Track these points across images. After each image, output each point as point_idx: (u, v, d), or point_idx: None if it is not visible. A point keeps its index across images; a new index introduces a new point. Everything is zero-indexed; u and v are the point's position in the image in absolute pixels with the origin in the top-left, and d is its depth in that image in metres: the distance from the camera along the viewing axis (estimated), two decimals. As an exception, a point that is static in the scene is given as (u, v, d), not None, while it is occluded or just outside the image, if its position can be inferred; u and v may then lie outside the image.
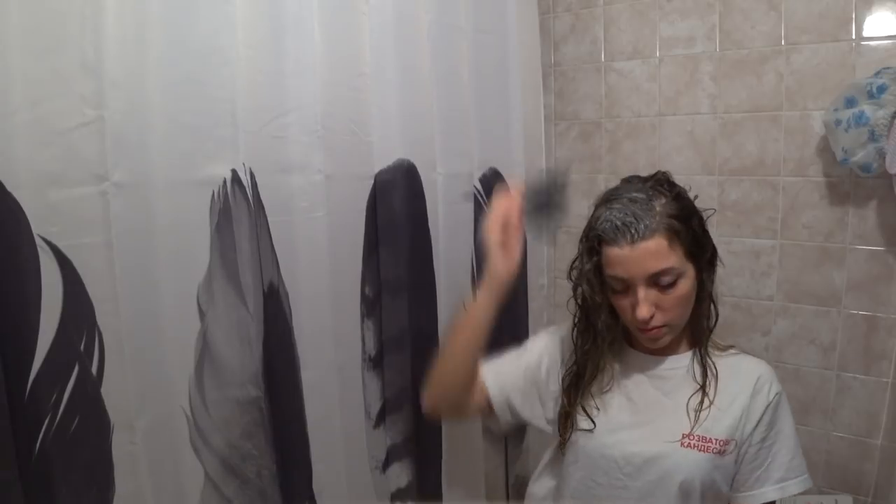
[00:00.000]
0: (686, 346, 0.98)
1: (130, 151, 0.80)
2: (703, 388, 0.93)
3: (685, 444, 0.90)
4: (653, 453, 0.91)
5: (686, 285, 0.89)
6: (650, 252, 0.86)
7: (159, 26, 0.82)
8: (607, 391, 0.98)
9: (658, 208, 0.87)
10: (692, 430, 0.91)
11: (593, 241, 0.91)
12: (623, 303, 0.91)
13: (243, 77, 0.91)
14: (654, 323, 0.89)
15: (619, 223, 0.87)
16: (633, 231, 0.86)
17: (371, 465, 1.17)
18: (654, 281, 0.87)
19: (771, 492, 0.91)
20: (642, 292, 0.87)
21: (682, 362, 0.97)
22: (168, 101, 0.84)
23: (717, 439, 0.90)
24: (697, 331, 0.97)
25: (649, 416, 0.94)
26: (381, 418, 1.18)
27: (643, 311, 0.87)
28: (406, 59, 1.16)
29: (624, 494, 0.92)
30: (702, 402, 0.92)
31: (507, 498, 1.47)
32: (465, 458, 1.32)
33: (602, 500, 0.94)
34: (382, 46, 1.11)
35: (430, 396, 1.03)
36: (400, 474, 1.21)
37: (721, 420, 0.91)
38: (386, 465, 1.20)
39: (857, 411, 1.36)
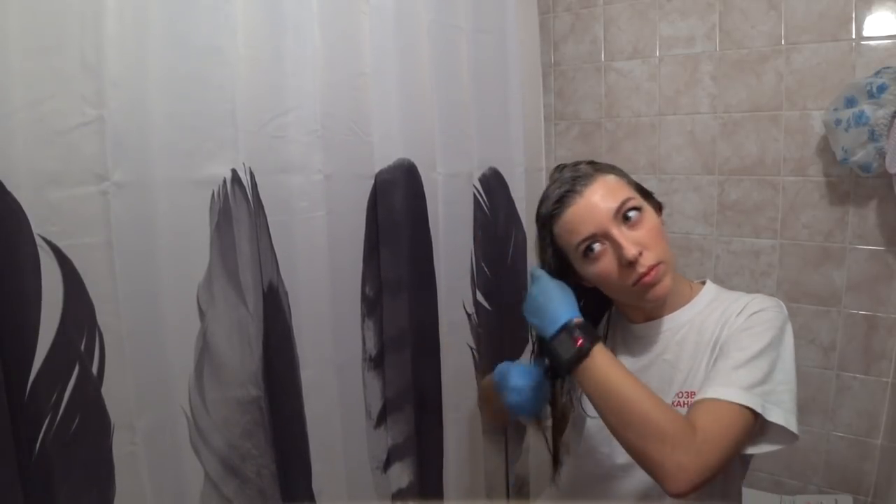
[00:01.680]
0: (674, 306, 0.93)
1: (130, 151, 0.80)
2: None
3: (677, 403, 0.87)
4: None
5: (653, 217, 0.87)
6: (604, 190, 0.86)
7: (159, 26, 0.82)
8: None
9: (591, 168, 0.91)
10: (681, 387, 0.87)
11: (546, 232, 0.91)
12: (605, 265, 0.85)
13: (243, 77, 0.91)
14: (648, 262, 0.83)
15: (562, 189, 0.88)
16: (579, 183, 0.87)
17: (372, 465, 1.17)
18: (623, 217, 0.84)
19: (701, 393, 0.78)
20: (619, 233, 0.83)
21: (673, 322, 0.93)
22: (168, 100, 0.84)
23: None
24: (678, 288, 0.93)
25: (644, 382, 0.89)
26: (381, 418, 1.18)
27: (630, 250, 0.82)
28: (406, 59, 1.15)
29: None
30: (696, 356, 0.88)
31: (508, 498, 1.46)
32: (465, 458, 1.32)
33: (611, 468, 0.92)
34: (382, 46, 1.11)
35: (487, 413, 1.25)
36: (401, 474, 1.21)
37: (702, 367, 0.87)
38: (387, 465, 1.20)
39: (857, 411, 1.36)
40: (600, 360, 0.79)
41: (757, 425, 0.77)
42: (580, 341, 0.80)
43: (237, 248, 0.91)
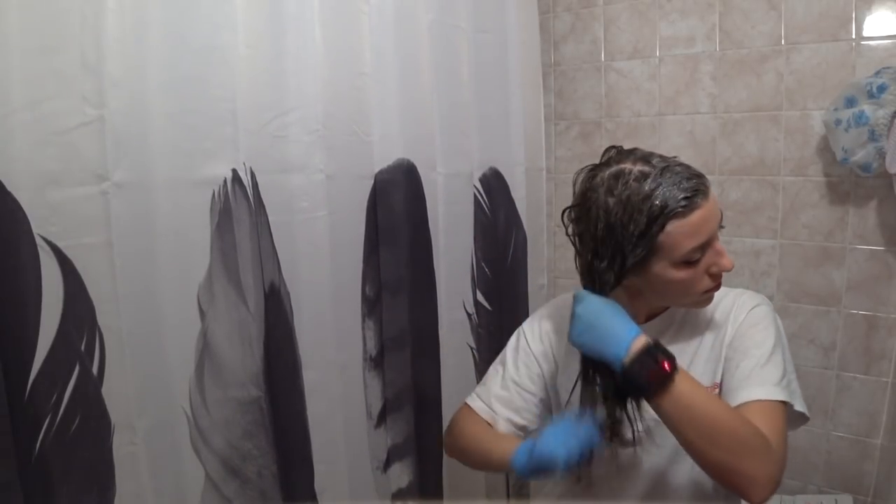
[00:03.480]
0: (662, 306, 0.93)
1: (131, 151, 0.80)
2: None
3: None
4: (651, 416, 0.86)
5: None
6: (714, 196, 0.81)
7: (160, 25, 0.82)
8: None
9: (697, 170, 0.82)
10: None
11: (654, 226, 0.77)
12: (696, 272, 0.81)
13: (244, 76, 0.91)
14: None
15: (689, 186, 0.77)
16: (703, 183, 0.79)
17: (372, 465, 1.17)
18: (718, 228, 0.82)
19: (740, 395, 0.80)
20: (720, 244, 0.82)
21: (668, 320, 0.92)
22: (168, 100, 0.84)
23: (705, 387, 0.84)
24: None
25: None
26: (382, 418, 1.18)
27: (730, 260, 0.81)
28: (406, 59, 1.15)
29: (645, 459, 0.89)
30: (690, 351, 0.89)
31: (508, 498, 1.46)
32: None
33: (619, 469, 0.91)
34: (383, 46, 1.11)
35: (456, 455, 0.99)
36: (401, 474, 1.21)
37: (706, 365, 0.88)
38: (387, 465, 1.20)
39: (857, 411, 1.36)
40: (686, 383, 0.74)
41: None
42: (665, 364, 0.74)
43: (238, 248, 0.91)
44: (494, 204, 1.41)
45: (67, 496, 0.76)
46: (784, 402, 0.80)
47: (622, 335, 0.76)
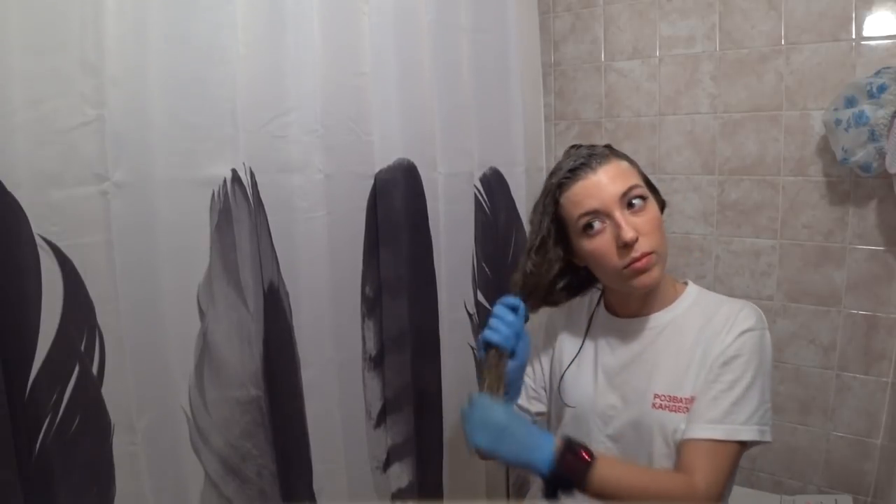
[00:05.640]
0: (659, 305, 0.94)
1: (131, 151, 0.80)
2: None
3: (656, 406, 0.88)
4: (629, 418, 0.90)
5: (655, 209, 0.89)
6: (615, 172, 0.88)
7: (159, 25, 0.82)
8: (583, 362, 0.98)
9: (608, 150, 0.92)
10: (661, 389, 0.88)
11: (550, 200, 0.90)
12: (601, 243, 0.86)
13: (243, 76, 0.91)
14: (642, 248, 0.85)
15: (578, 161, 0.88)
16: (595, 160, 0.88)
17: (372, 465, 1.17)
18: (627, 202, 0.86)
19: (699, 430, 0.83)
20: (620, 216, 0.85)
21: (656, 321, 0.93)
22: (168, 100, 0.84)
23: (684, 397, 0.87)
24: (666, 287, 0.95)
25: (624, 379, 0.93)
26: (381, 418, 1.18)
27: (629, 233, 0.83)
28: (406, 59, 1.15)
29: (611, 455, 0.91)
30: (678, 359, 0.89)
31: (508, 497, 1.46)
32: (465, 458, 1.32)
33: None
34: (382, 45, 1.11)
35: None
36: (401, 474, 1.21)
37: (688, 374, 0.88)
38: (387, 465, 1.20)
39: (857, 411, 1.36)
40: (605, 468, 0.78)
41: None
42: (584, 454, 0.78)
43: (237, 248, 0.91)
44: (495, 204, 1.41)
45: (67, 496, 0.76)
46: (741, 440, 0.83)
47: (540, 442, 0.79)
